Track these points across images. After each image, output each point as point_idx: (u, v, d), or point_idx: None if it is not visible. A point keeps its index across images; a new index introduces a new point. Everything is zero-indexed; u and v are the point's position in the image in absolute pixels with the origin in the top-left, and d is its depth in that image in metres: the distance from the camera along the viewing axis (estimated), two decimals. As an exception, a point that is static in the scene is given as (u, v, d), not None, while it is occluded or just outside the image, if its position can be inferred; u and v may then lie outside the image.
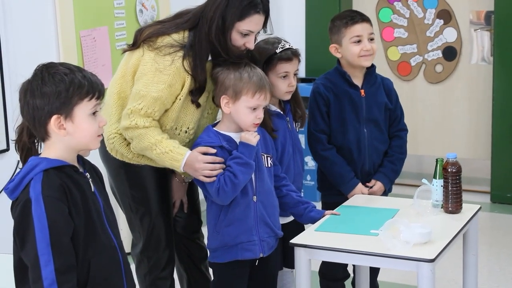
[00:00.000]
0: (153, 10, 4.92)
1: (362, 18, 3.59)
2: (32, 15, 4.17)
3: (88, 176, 2.41)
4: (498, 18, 5.57)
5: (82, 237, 2.31)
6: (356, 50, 3.56)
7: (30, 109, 2.30)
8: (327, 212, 3.26)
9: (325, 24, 3.77)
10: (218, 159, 3.06)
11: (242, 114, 3.08)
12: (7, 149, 4.04)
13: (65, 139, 2.33)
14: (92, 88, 2.32)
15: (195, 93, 3.19)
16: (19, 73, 4.00)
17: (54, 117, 2.29)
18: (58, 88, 2.28)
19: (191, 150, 3.11)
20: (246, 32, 3.15)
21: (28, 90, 2.30)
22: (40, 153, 2.38)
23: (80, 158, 2.43)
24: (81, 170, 2.39)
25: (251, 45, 3.19)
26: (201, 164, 3.05)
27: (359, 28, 3.56)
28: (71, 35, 4.36)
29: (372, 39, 3.58)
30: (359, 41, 3.56)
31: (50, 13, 4.26)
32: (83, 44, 4.43)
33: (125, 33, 4.71)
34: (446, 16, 5.93)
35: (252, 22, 3.14)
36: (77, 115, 2.31)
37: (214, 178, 3.04)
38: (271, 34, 3.31)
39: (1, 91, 3.96)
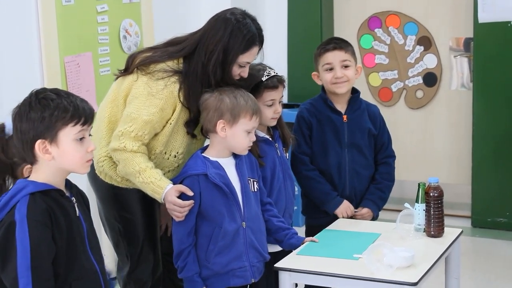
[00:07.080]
0: (136, 36, 4.94)
1: (335, 46, 3.62)
2: (16, 41, 4.18)
3: (74, 200, 2.42)
4: (477, 45, 5.63)
5: (64, 260, 2.32)
6: (328, 77, 3.62)
7: (18, 133, 2.34)
8: (306, 239, 3.28)
9: (307, 51, 3.82)
10: (187, 203, 3.06)
11: (239, 137, 3.11)
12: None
13: (52, 163, 2.34)
14: (77, 114, 2.33)
15: (190, 124, 3.23)
16: (3, 99, 4.00)
17: (38, 141, 2.31)
18: (43, 113, 2.30)
19: (177, 178, 3.14)
20: (244, 64, 3.23)
21: (17, 115, 2.34)
22: (28, 176, 2.40)
23: (68, 182, 2.44)
24: (67, 194, 2.41)
25: (246, 74, 3.26)
26: (171, 205, 3.08)
27: (330, 56, 3.61)
28: (55, 61, 4.36)
29: (346, 66, 3.61)
30: (331, 69, 3.61)
31: (35, 39, 4.26)
32: (67, 70, 4.43)
33: (108, 59, 4.72)
34: (426, 42, 5.99)
35: (252, 54, 3.24)
36: (61, 140, 2.33)
37: (182, 219, 3.08)
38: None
39: (-15, 117, 3.95)
